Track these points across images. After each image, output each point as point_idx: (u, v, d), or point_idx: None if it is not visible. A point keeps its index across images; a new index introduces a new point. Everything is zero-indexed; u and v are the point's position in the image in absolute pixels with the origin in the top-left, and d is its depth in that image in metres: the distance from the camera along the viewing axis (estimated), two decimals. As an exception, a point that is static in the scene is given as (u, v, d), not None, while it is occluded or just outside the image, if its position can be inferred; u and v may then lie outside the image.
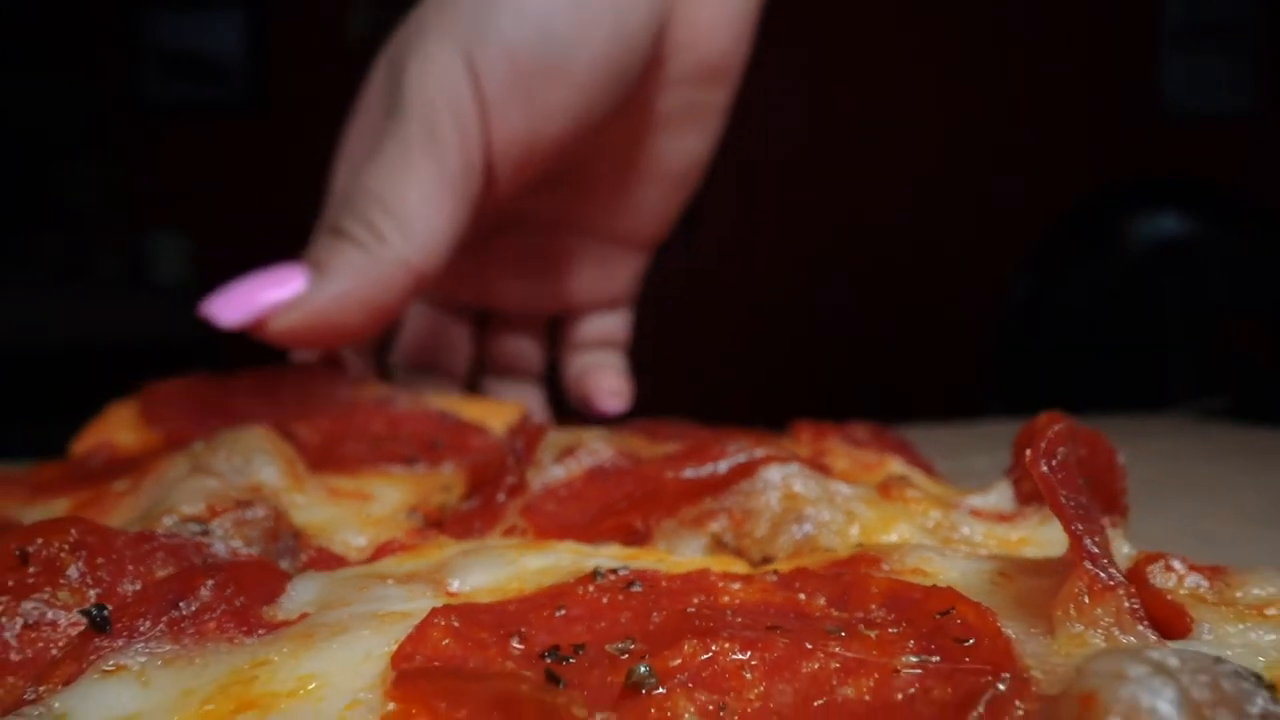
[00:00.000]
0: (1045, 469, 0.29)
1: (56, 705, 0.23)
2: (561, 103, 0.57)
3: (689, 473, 0.40)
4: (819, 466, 0.46)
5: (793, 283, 3.77)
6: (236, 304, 0.56)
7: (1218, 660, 0.20)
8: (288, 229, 3.83)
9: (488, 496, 0.41)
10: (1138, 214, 3.64)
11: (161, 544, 0.29)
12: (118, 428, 0.56)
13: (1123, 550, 0.36)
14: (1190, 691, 0.18)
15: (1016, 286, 3.60)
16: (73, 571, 0.27)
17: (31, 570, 0.27)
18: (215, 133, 3.90)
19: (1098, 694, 0.18)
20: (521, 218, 0.71)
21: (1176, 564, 0.32)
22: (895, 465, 0.53)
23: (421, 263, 0.55)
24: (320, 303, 0.54)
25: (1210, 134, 3.87)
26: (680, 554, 0.38)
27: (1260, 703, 0.19)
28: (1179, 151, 3.82)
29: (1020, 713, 0.20)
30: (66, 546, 0.28)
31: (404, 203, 0.54)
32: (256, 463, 0.41)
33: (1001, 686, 0.21)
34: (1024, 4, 3.76)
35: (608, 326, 0.78)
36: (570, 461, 0.47)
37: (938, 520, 0.39)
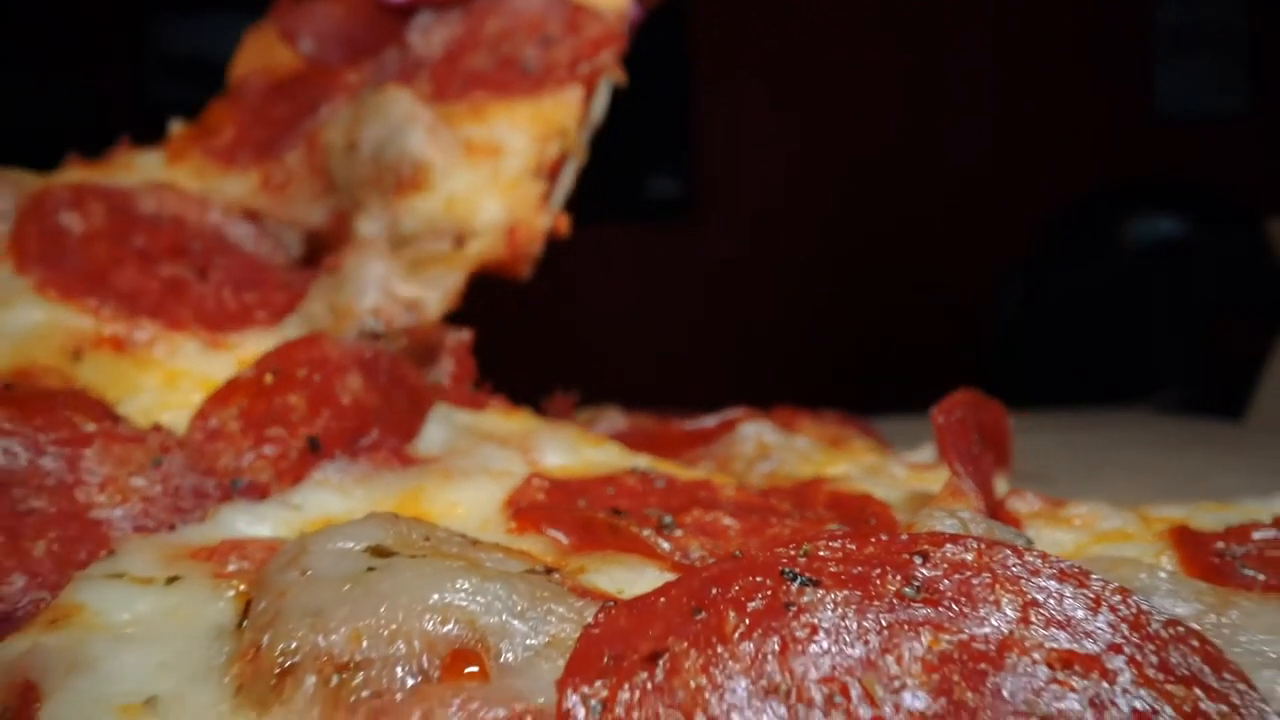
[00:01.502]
0: (941, 420, 0.44)
1: (295, 499, 0.38)
2: None
3: (688, 425, 0.55)
4: (790, 429, 0.61)
5: (794, 284, 3.91)
6: None
7: (1001, 525, 0.35)
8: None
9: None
10: (1129, 215, 3.79)
11: (355, 359, 0.44)
12: (264, 52, 0.70)
13: (1001, 488, 0.51)
14: (969, 525, 0.33)
15: (1010, 285, 3.76)
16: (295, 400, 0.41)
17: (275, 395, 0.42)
18: (220, 135, 4.01)
19: (914, 525, 0.33)
20: None
21: (1028, 495, 0.47)
22: (854, 437, 0.68)
23: None
24: None
25: (1202, 136, 4.01)
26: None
27: (1021, 542, 0.34)
28: (1171, 153, 3.97)
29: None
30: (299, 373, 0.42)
31: None
32: (403, 133, 0.56)
33: (873, 521, 0.36)
34: (1020, 9, 3.90)
35: None
36: (595, 427, 0.62)
37: (873, 463, 0.54)
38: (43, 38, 3.98)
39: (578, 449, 0.46)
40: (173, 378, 0.47)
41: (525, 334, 3.90)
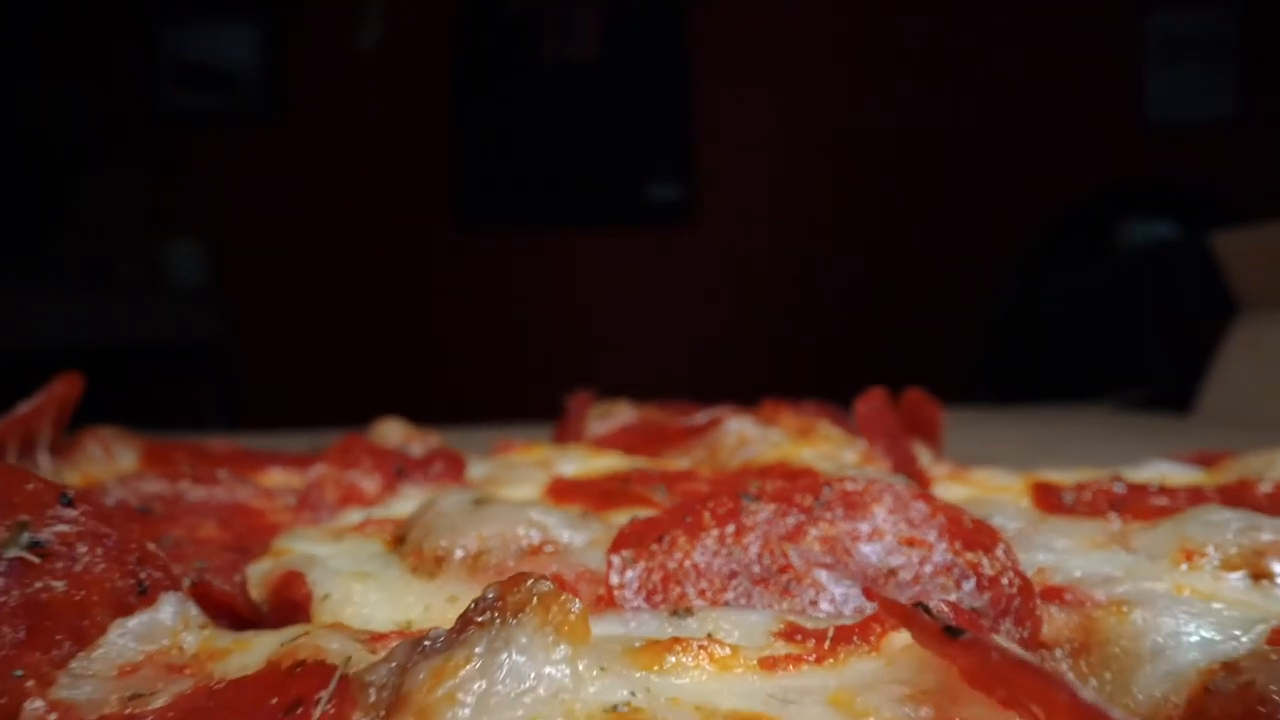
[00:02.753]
0: (862, 409, 0.60)
1: (391, 504, 0.54)
2: None
3: (684, 422, 0.71)
4: (771, 423, 0.77)
5: (793, 284, 4.07)
6: None
7: (893, 476, 0.51)
8: (301, 234, 4.18)
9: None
10: (1127, 217, 3.96)
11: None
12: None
13: (925, 459, 0.67)
14: (868, 474, 0.49)
15: (1006, 285, 3.93)
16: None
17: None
18: (230, 142, 4.17)
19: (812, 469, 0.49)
20: None
21: (945, 463, 0.63)
22: (824, 426, 0.84)
23: None
24: None
25: (1191, 141, 4.17)
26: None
27: (900, 484, 0.50)
28: (1162, 158, 4.13)
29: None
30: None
31: None
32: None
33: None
34: (1017, 18, 4.06)
35: None
36: (609, 420, 0.79)
37: (829, 451, 0.70)
38: (56, 45, 4.13)
39: (586, 460, 0.62)
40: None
41: (547, 337, 4.08)
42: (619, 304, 4.10)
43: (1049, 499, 0.52)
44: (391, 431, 0.67)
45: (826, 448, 0.71)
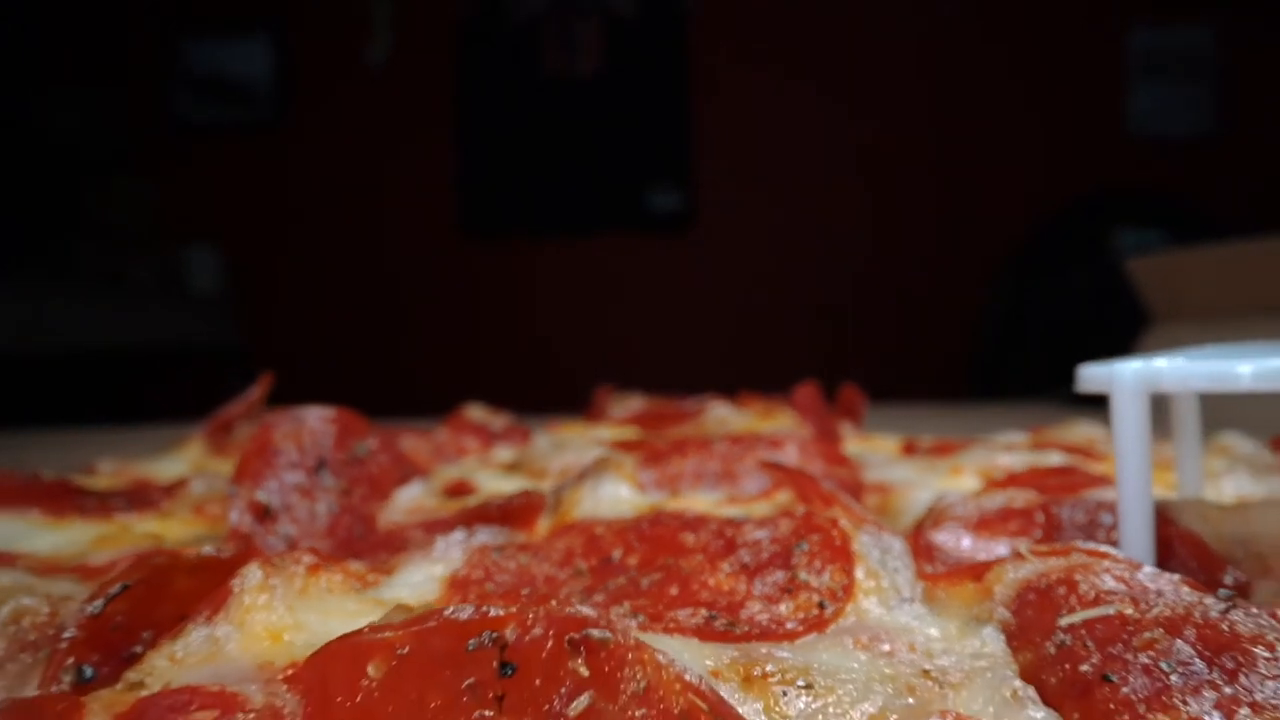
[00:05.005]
0: (796, 396, 0.94)
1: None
2: None
3: (680, 407, 1.05)
4: (744, 408, 1.12)
5: (790, 293, 4.41)
6: None
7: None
8: (312, 241, 4.56)
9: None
10: (1111, 226, 4.31)
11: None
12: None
13: (847, 432, 1.01)
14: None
15: (996, 292, 4.28)
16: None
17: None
18: (244, 152, 4.49)
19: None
20: None
21: (858, 433, 0.98)
22: (781, 410, 1.18)
23: None
24: None
25: (1173, 154, 4.51)
26: (675, 437, 1.04)
27: (803, 434, 0.84)
28: (1142, 172, 4.48)
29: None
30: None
31: None
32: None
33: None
34: (1005, 35, 4.41)
35: None
36: (625, 406, 1.13)
37: (781, 424, 1.04)
38: (77, 58, 4.44)
39: (613, 431, 0.97)
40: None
41: (549, 340, 4.39)
42: (620, 308, 4.43)
43: (910, 449, 0.86)
44: (477, 412, 1.01)
45: (780, 423, 1.05)
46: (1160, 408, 0.55)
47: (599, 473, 0.56)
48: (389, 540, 0.50)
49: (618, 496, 0.55)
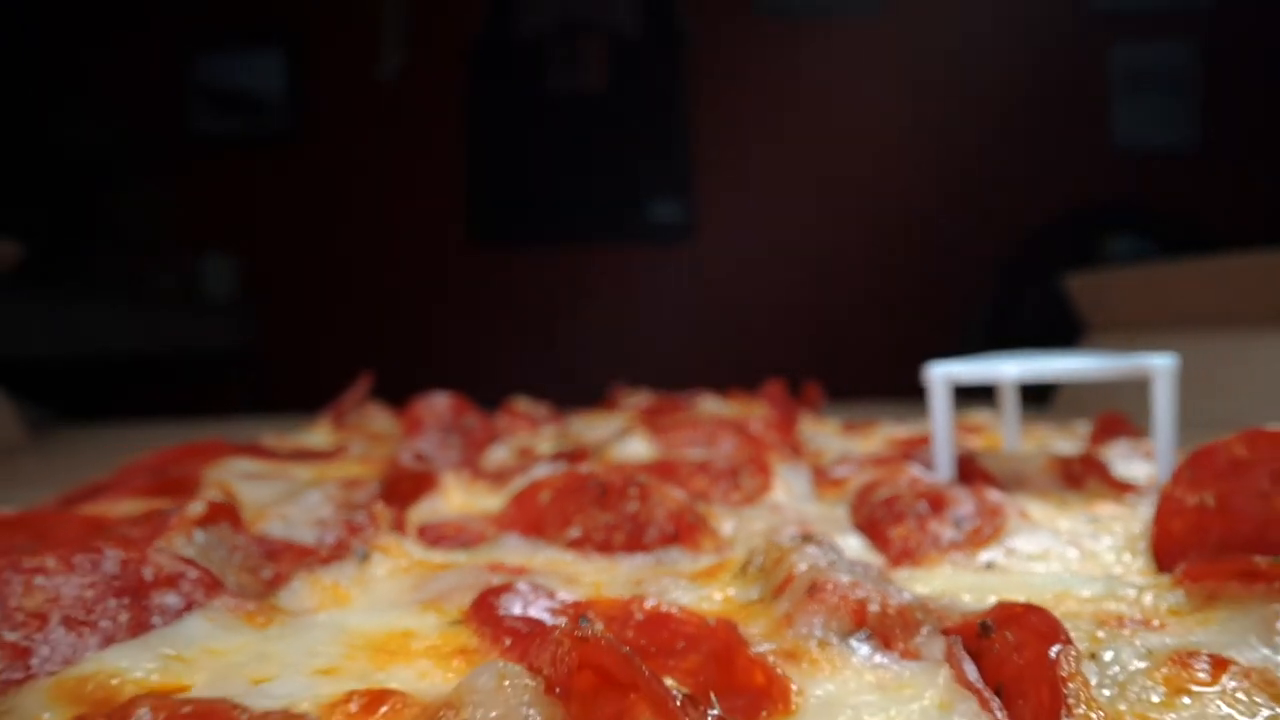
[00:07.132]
0: (768, 390, 1.30)
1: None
2: None
3: (679, 400, 1.42)
4: (730, 400, 1.48)
5: (788, 303, 4.75)
6: None
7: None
8: (325, 250, 4.97)
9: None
10: (1102, 236, 4.67)
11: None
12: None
13: (806, 418, 1.37)
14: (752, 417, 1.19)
15: (985, 300, 4.64)
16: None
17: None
18: (259, 163, 4.82)
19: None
20: None
21: (815, 419, 1.34)
22: (760, 403, 1.55)
23: None
24: None
25: (1157, 166, 4.86)
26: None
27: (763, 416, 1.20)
28: (1127, 185, 4.82)
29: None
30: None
31: None
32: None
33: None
34: (996, 52, 4.75)
35: None
36: (634, 399, 1.50)
37: (758, 413, 1.40)
38: (98, 72, 4.77)
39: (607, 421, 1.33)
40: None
41: (553, 344, 4.71)
42: (621, 313, 4.76)
43: (851, 430, 1.22)
44: (522, 402, 1.37)
45: (755, 411, 1.42)
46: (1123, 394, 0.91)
47: (625, 433, 0.92)
48: (499, 474, 0.86)
49: (638, 450, 0.91)
